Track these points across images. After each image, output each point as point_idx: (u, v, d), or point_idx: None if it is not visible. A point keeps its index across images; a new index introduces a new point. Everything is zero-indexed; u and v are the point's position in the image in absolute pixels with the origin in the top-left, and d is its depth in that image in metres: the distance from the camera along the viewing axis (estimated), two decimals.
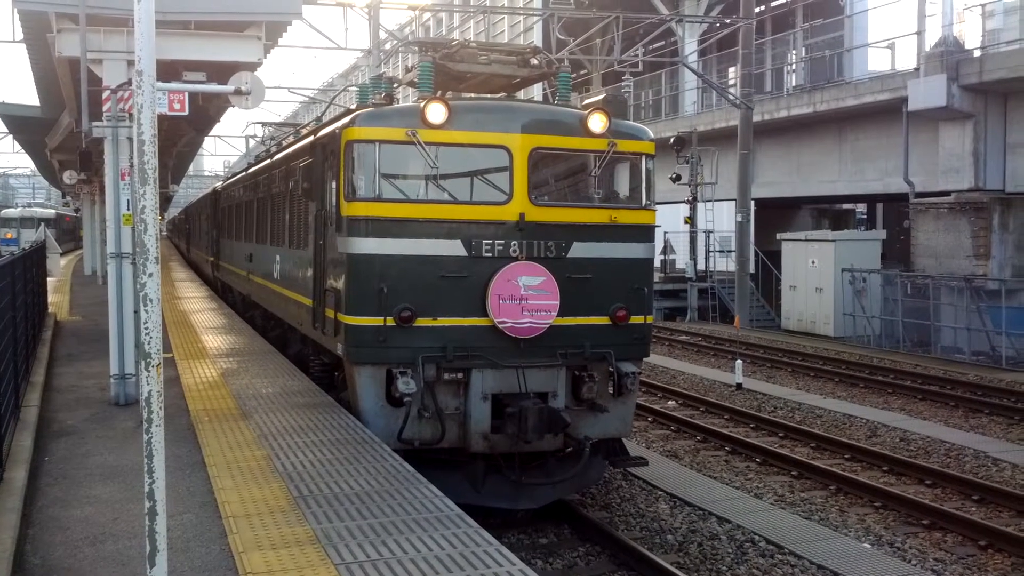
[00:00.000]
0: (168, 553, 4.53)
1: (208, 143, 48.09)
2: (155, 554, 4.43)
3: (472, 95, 11.16)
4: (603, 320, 9.57)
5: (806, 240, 28.88)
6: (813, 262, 27.75)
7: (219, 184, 27.57)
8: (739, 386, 18.35)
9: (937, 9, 25.76)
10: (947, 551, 9.68)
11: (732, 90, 32.84)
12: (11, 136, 37.34)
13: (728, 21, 31.87)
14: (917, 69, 25.52)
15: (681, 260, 35.23)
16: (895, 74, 28.44)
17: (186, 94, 10.15)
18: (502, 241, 9.16)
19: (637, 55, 33.78)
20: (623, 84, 36.29)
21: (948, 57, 23.94)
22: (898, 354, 23.29)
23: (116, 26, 12.00)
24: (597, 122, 9.44)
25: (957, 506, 11.02)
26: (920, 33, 26.80)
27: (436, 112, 8.94)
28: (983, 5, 25.93)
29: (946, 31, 24.82)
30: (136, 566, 5.45)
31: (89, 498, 6.85)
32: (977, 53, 24.68)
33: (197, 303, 20.88)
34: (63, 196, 56.68)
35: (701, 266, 33.43)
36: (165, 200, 49.82)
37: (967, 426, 15.28)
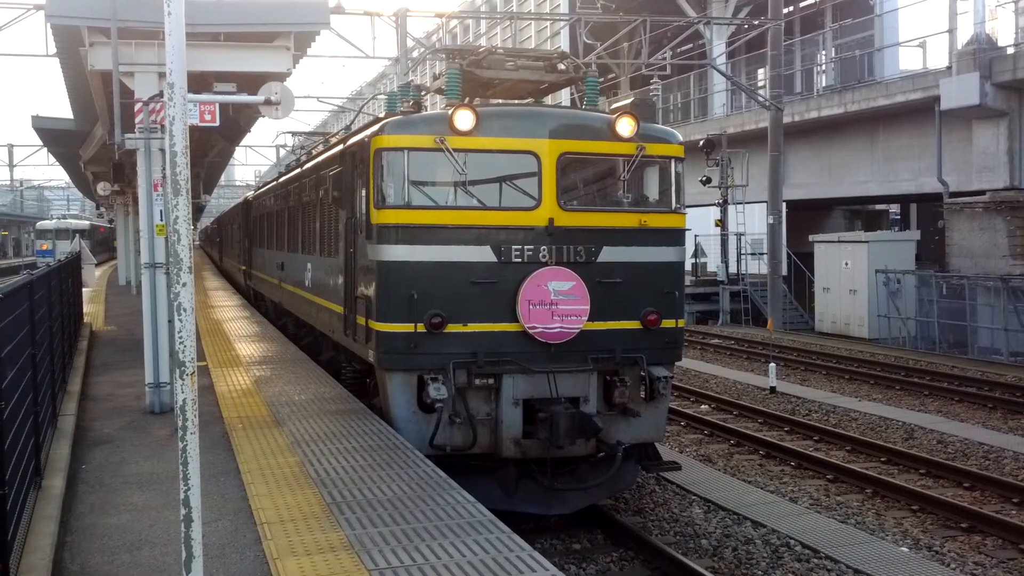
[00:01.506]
0: (204, 559, 4.57)
1: (239, 153, 48.47)
2: (191, 560, 4.47)
3: (500, 101, 11.18)
4: (634, 324, 9.53)
5: (839, 241, 28.63)
6: (846, 263, 27.50)
7: (250, 194, 27.79)
8: (773, 389, 18.20)
9: (969, 7, 25.48)
10: (987, 555, 9.54)
11: (761, 92, 32.66)
12: (46, 149, 37.88)
13: (756, 22, 31.71)
14: (949, 67, 25.25)
15: (712, 263, 35.06)
16: (927, 73, 28.16)
17: (217, 105, 10.24)
18: (531, 246, 9.17)
19: (665, 58, 33.66)
20: (651, 87, 36.19)
21: (981, 55, 23.67)
22: (934, 356, 23.02)
23: (147, 39, 12.15)
24: (625, 126, 9.42)
25: (997, 509, 10.86)
26: (952, 31, 26.52)
27: (464, 119, 8.97)
28: (1016, 1, 25.60)
29: (978, 29, 24.54)
30: (172, 572, 5.50)
31: (126, 505, 6.92)
32: (1010, 50, 24.38)
33: (230, 311, 21.05)
34: (97, 207, 57.47)
35: (733, 269, 33.25)
36: (197, 210, 50.30)
37: (1006, 428, 15.07)
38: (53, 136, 29.34)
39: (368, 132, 9.87)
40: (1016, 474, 12.36)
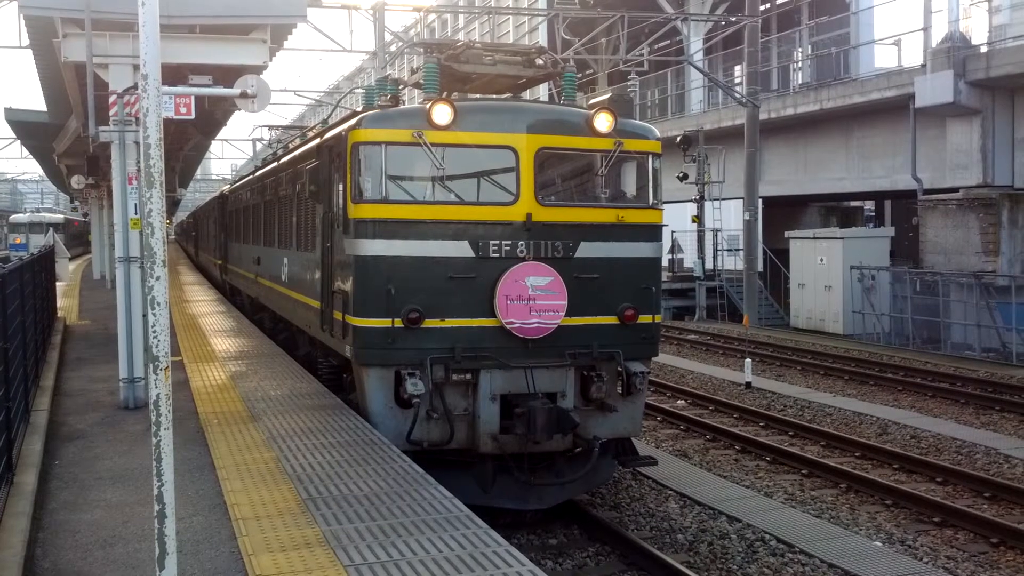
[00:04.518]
0: (178, 556, 4.54)
1: (215, 147, 48.19)
2: (164, 557, 4.44)
3: (478, 96, 11.16)
4: (611, 320, 9.55)
5: (814, 238, 28.81)
6: (822, 260, 27.68)
7: (226, 187, 27.62)
8: (748, 385, 18.31)
9: (943, 5, 25.71)
10: (959, 549, 9.64)
11: (738, 88, 32.79)
12: (19, 142, 37.48)
13: (733, 19, 31.82)
14: (924, 65, 25.44)
15: (689, 259, 35.18)
16: (902, 71, 28.36)
17: (192, 98, 10.18)
18: (509, 241, 9.16)
19: (642, 54, 33.76)
20: (629, 83, 36.26)
21: (955, 53, 23.87)
22: (908, 351, 23.22)
23: (122, 31, 12.04)
24: (603, 121, 9.43)
25: (968, 503, 10.98)
26: (926, 29, 26.74)
27: (442, 113, 8.94)
28: (989, 0, 25.83)
29: (952, 27, 24.75)
30: (146, 569, 5.46)
31: (99, 502, 6.86)
32: (984, 49, 24.60)
33: (206, 306, 20.92)
34: (71, 201, 56.85)
35: (709, 265, 33.39)
36: (173, 204, 49.95)
37: (978, 423, 15.22)
38: (26, 129, 29.03)
39: (345, 126, 9.83)
40: (988, 469, 12.49)
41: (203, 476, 7.32)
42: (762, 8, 34.27)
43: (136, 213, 10.12)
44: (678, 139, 31.60)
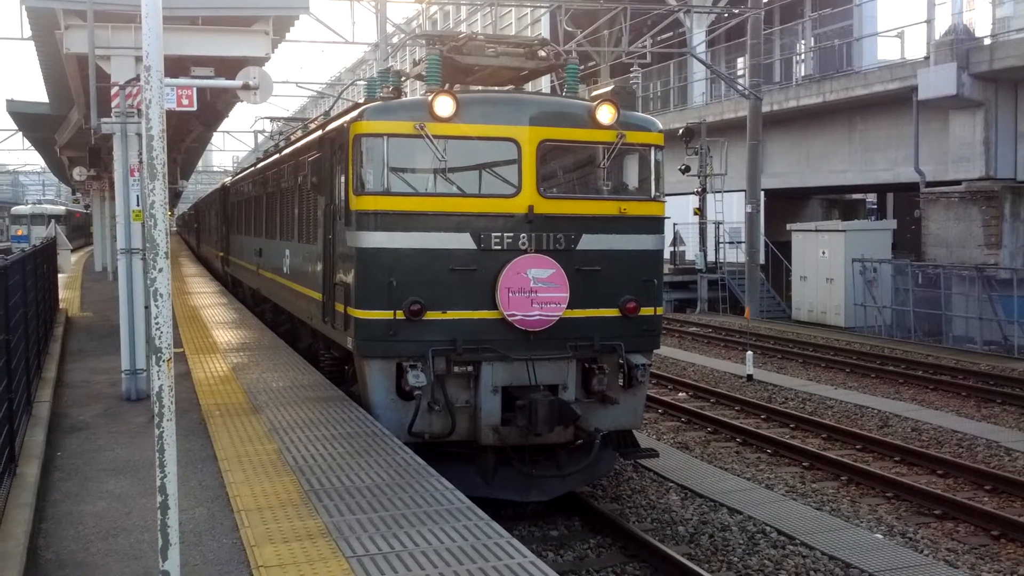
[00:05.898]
0: (180, 547, 4.55)
1: (217, 138, 48.25)
2: (167, 548, 4.45)
3: (480, 88, 11.14)
4: (613, 312, 9.55)
5: (816, 230, 28.79)
6: (823, 252, 27.66)
7: (228, 179, 27.61)
8: (750, 377, 18.31)
9: None
10: (959, 541, 9.65)
11: (741, 81, 32.73)
12: (21, 133, 37.47)
13: (736, 11, 31.76)
14: (927, 58, 25.39)
15: (691, 252, 35.17)
16: (905, 63, 28.29)
17: (194, 89, 10.18)
18: (511, 234, 9.15)
19: (645, 46, 33.69)
20: (631, 75, 36.17)
21: (958, 45, 23.81)
22: (909, 344, 23.22)
23: (124, 22, 12.05)
24: (606, 114, 9.41)
25: (969, 496, 10.98)
26: (930, 21, 26.70)
27: (444, 105, 8.93)
28: None
29: (956, 19, 24.74)
30: (149, 560, 5.48)
31: (101, 493, 6.88)
32: (987, 41, 24.54)
33: (207, 298, 20.94)
34: (73, 193, 56.89)
35: (711, 257, 33.38)
36: (174, 196, 49.92)
37: (979, 416, 15.23)
38: (28, 120, 29.07)
39: (347, 118, 9.82)
40: (988, 461, 12.50)
41: (205, 467, 7.33)
42: (765, 0, 34.17)
43: (138, 205, 10.13)
44: (680, 131, 31.56)
